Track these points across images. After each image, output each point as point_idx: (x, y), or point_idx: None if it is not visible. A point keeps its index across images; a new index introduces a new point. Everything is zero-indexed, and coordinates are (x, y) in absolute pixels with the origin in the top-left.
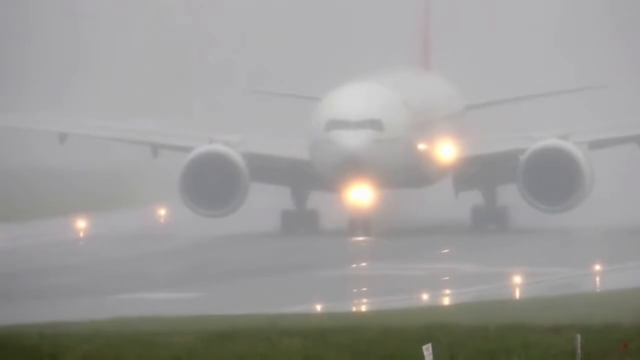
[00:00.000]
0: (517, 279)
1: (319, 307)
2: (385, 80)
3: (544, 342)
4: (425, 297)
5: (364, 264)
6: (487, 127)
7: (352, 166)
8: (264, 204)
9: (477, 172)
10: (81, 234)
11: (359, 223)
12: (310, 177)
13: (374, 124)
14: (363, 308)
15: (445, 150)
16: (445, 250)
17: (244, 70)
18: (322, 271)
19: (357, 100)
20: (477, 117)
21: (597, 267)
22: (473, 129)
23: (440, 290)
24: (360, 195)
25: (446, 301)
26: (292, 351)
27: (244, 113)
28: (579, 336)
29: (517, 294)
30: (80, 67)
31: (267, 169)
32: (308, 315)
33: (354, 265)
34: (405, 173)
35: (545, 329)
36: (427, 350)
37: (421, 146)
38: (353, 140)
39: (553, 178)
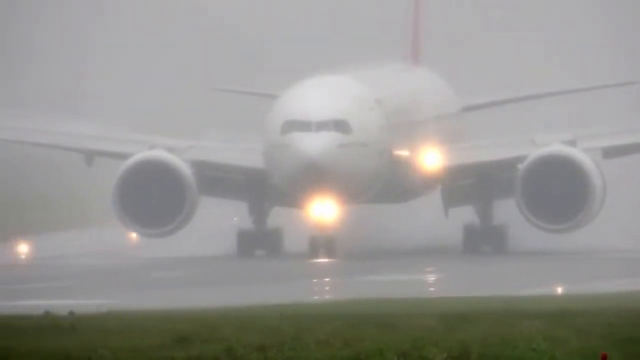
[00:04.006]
0: None
1: (558, 289)
2: (356, 74)
3: None
4: None
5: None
6: (486, 131)
7: (312, 175)
8: (220, 221)
9: (470, 184)
10: None
11: (321, 243)
12: (270, 189)
13: (339, 126)
14: (602, 290)
15: (431, 158)
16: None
17: (204, 66)
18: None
19: (319, 97)
20: (475, 120)
21: None
22: (468, 133)
23: None
24: (323, 210)
25: None
26: (532, 333)
27: (200, 115)
28: None
29: None
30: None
31: (220, 180)
32: (547, 297)
33: None
34: (378, 185)
35: None
36: None
37: (399, 152)
38: (313, 144)
39: (557, 191)
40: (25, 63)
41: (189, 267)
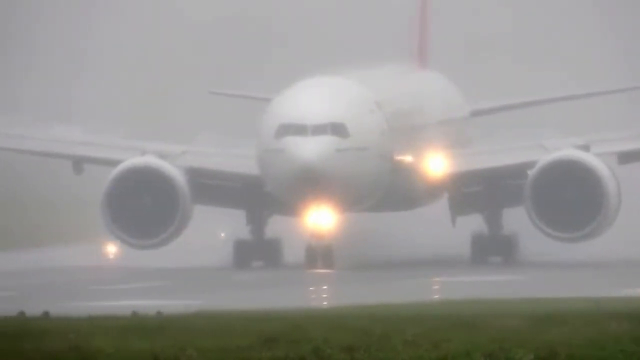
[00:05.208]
0: None
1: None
2: (355, 75)
3: None
4: None
5: None
6: (495, 136)
7: (308, 182)
8: (213, 231)
9: (478, 191)
10: None
11: (318, 253)
12: (268, 197)
13: (337, 129)
14: None
15: (436, 164)
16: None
17: (199, 68)
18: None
19: (315, 99)
20: (484, 124)
21: None
22: (477, 139)
23: None
24: (321, 218)
25: None
26: (620, 335)
27: (194, 119)
28: None
29: None
30: None
31: (215, 187)
32: (636, 298)
33: None
34: (379, 191)
35: None
36: None
37: (402, 158)
38: (309, 149)
39: (569, 198)
40: (16, 68)
41: (268, 270)
